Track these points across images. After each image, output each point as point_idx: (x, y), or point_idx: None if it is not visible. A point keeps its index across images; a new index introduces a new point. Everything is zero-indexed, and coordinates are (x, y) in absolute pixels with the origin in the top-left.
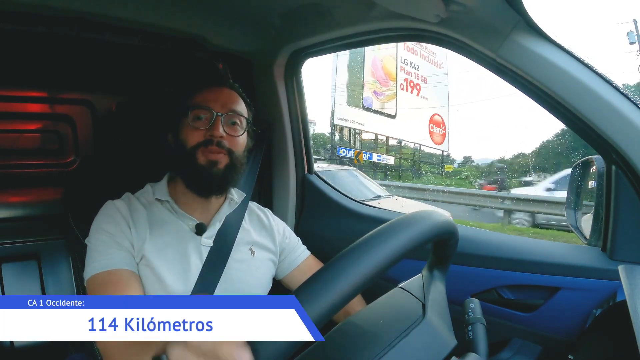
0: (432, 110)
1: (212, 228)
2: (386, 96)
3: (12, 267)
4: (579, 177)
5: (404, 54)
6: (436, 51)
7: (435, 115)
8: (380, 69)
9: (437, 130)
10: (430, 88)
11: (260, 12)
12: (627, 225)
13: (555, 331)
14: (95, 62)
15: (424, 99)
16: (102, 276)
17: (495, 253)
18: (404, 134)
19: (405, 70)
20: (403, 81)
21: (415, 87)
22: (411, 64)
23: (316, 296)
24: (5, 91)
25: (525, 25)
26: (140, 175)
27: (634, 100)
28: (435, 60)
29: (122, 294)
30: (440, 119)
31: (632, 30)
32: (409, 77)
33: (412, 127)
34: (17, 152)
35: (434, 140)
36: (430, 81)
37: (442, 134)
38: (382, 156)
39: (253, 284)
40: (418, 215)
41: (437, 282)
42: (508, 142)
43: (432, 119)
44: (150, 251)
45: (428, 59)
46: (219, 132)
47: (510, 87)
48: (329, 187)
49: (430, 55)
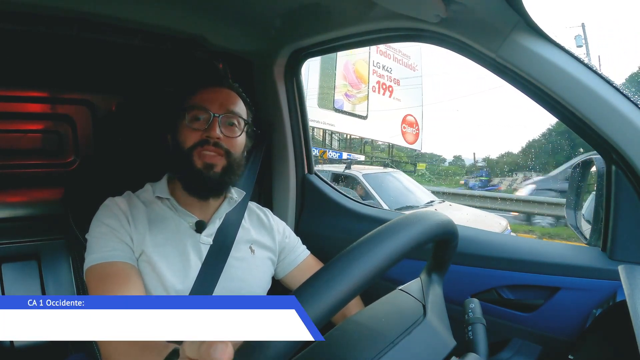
0: (405, 111)
1: (212, 226)
2: (357, 98)
3: (12, 267)
4: (579, 177)
5: (377, 58)
6: (410, 54)
7: (408, 115)
8: (352, 73)
9: (410, 130)
10: (404, 90)
11: (260, 12)
12: (627, 225)
13: (555, 331)
14: (95, 62)
15: (397, 100)
16: (102, 267)
17: (495, 253)
18: (375, 134)
19: (377, 74)
20: (375, 84)
21: (388, 89)
22: (384, 67)
23: (316, 296)
24: (5, 91)
25: (525, 25)
26: (140, 175)
27: (634, 100)
28: (409, 63)
29: (121, 286)
30: (413, 119)
31: (580, 34)
32: (382, 80)
33: (384, 127)
34: (17, 152)
35: (406, 139)
36: (403, 83)
37: (415, 134)
38: (352, 155)
39: (252, 282)
40: (418, 215)
41: (435, 286)
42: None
43: (405, 119)
44: (150, 247)
45: (402, 62)
46: (215, 133)
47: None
48: (329, 187)
49: (404, 58)
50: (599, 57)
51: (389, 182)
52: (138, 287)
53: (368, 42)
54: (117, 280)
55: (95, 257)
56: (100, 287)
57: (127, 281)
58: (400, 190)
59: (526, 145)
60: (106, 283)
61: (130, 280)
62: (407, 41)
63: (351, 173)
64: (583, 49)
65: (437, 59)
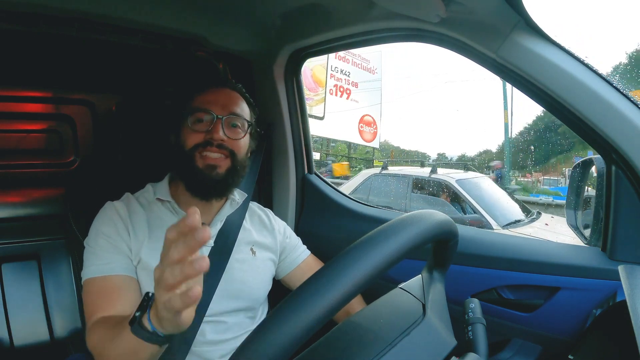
0: (364, 111)
1: (213, 228)
2: (315, 100)
3: (12, 267)
4: (579, 177)
5: (335, 63)
6: (370, 58)
7: (366, 116)
8: (309, 77)
9: (368, 129)
10: (362, 92)
11: (260, 12)
12: (627, 225)
13: (555, 331)
14: (95, 62)
15: (354, 101)
16: (98, 281)
17: (495, 253)
18: (332, 134)
19: (335, 77)
20: (333, 87)
21: (346, 91)
22: (342, 71)
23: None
24: (6, 91)
25: (525, 25)
26: (140, 175)
27: (634, 100)
28: (368, 67)
29: (116, 302)
30: (371, 119)
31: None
32: (339, 83)
33: (341, 127)
34: (17, 152)
35: (364, 138)
36: (362, 86)
37: (372, 133)
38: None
39: (253, 284)
40: (418, 215)
41: (437, 284)
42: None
43: (363, 119)
44: (148, 254)
45: (361, 66)
46: (219, 135)
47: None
48: (329, 187)
49: (364, 62)
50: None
51: (488, 190)
52: (131, 301)
53: (368, 42)
54: (112, 295)
55: (93, 270)
56: (94, 303)
57: (121, 296)
58: (500, 199)
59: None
60: (100, 298)
61: (125, 294)
62: (407, 41)
63: (439, 178)
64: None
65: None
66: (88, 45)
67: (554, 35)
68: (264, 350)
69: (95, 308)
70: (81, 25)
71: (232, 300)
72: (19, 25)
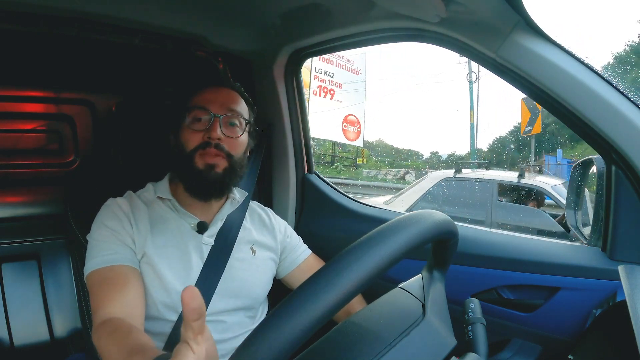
0: (347, 111)
1: (214, 227)
2: None
3: (12, 267)
4: (579, 177)
5: (319, 65)
6: (354, 60)
7: (350, 115)
8: None
9: (351, 128)
10: (346, 92)
11: (260, 12)
12: (627, 225)
13: (555, 331)
14: (95, 62)
15: (338, 102)
16: (102, 272)
17: (495, 253)
18: (315, 133)
19: (319, 79)
20: (316, 88)
21: (329, 92)
22: (326, 72)
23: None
24: (6, 91)
25: (525, 25)
26: (140, 175)
27: (634, 100)
28: (352, 68)
29: (121, 291)
30: (355, 118)
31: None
32: (323, 84)
33: (324, 126)
34: (17, 152)
35: (347, 137)
36: (346, 87)
37: (356, 132)
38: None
39: (253, 282)
40: (418, 215)
41: (437, 283)
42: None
43: (346, 119)
44: (152, 249)
45: (345, 67)
46: (216, 133)
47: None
48: (329, 187)
49: (348, 63)
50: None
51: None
52: (138, 291)
53: (368, 42)
54: (117, 284)
55: (96, 261)
56: (100, 292)
57: (126, 285)
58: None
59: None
60: (107, 288)
61: (130, 283)
62: (407, 41)
63: (531, 184)
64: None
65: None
66: (88, 45)
67: (554, 35)
68: (264, 350)
69: (101, 299)
70: (81, 25)
71: (231, 299)
72: (19, 25)
